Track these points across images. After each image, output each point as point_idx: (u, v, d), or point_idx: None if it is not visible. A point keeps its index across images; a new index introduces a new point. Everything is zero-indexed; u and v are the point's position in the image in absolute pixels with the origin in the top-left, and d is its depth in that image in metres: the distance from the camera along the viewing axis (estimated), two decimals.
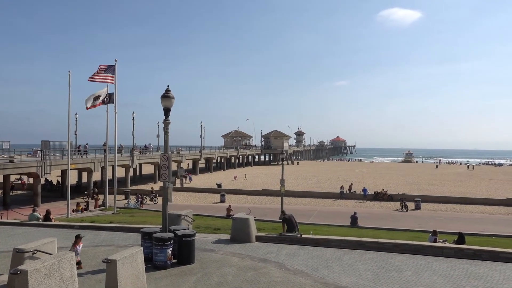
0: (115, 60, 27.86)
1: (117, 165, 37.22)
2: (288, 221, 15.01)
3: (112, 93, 28.07)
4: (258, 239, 14.40)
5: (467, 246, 13.92)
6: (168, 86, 12.40)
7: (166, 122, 12.27)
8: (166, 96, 12.08)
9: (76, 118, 42.67)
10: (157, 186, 47.39)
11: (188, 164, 68.14)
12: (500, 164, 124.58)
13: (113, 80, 27.58)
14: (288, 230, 14.81)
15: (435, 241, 15.95)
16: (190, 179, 60.77)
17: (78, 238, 10.99)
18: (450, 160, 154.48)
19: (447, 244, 14.63)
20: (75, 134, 44.07)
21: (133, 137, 49.79)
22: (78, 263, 10.32)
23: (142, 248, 9.35)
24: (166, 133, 12.37)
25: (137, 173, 62.18)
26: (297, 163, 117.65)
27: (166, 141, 12.49)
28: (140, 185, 52.12)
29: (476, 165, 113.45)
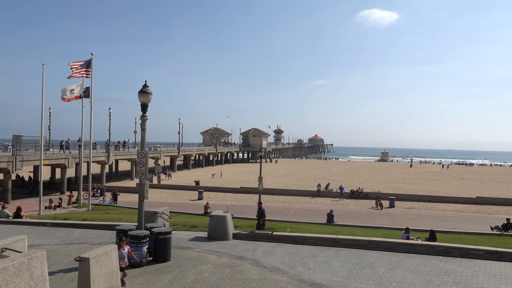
0: (92, 54, 27.20)
1: (92, 161, 36.39)
2: (263, 214, 15.24)
3: (88, 87, 27.40)
4: (235, 236, 14.42)
5: (438, 243, 14.34)
6: (146, 81, 12.21)
7: (143, 118, 12.09)
8: (144, 91, 11.90)
9: (50, 112, 41.46)
10: (133, 183, 46.68)
11: (164, 161, 67.32)
12: (471, 164, 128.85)
13: (89, 74, 26.92)
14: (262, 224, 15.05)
15: (408, 238, 16.35)
16: (170, 175, 60.30)
17: (121, 240, 9.78)
18: (423, 159, 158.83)
19: (419, 241, 15.02)
20: (49, 129, 42.85)
21: (109, 133, 48.92)
22: (122, 270, 8.98)
23: (116, 246, 9.19)
24: (143, 129, 12.19)
25: (113, 170, 61.05)
26: (276, 161, 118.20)
27: (143, 137, 12.30)
28: (116, 182, 51.20)
29: (449, 164, 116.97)
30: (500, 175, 79.20)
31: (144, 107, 11.98)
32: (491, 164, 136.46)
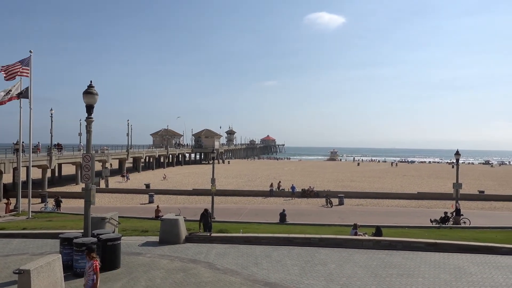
0: (30, 52, 25.55)
1: (33, 166, 34.16)
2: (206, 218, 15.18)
3: (27, 87, 25.69)
4: (188, 239, 14.20)
5: (383, 237, 15.08)
6: (91, 81, 11.69)
7: (88, 120, 11.55)
8: (89, 92, 11.38)
9: None
10: (78, 187, 44.43)
11: (111, 164, 64.73)
12: (412, 162, 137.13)
13: (28, 73, 25.25)
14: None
15: (356, 234, 17.04)
16: (128, 178, 58.38)
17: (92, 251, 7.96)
18: (370, 158, 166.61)
19: (366, 237, 15.71)
20: None
21: (51, 135, 46.18)
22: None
23: (60, 255, 8.70)
24: (88, 131, 11.65)
25: (56, 174, 57.72)
26: (228, 162, 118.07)
27: (88, 140, 11.76)
28: (60, 187, 48.46)
29: (394, 162, 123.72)
30: (438, 171, 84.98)
31: (89, 108, 11.46)
32: (430, 162, 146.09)
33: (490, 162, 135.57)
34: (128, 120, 74.44)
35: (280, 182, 47.57)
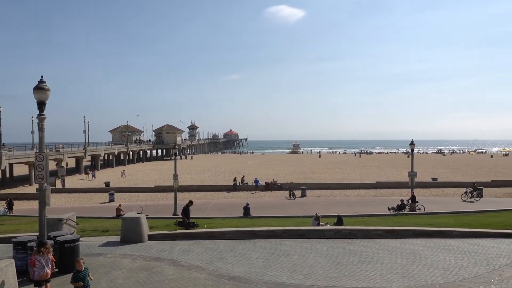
0: None
1: None
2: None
3: None
4: (151, 237, 13.94)
5: (344, 227, 15.58)
6: (42, 77, 11.09)
7: (40, 117, 10.97)
8: (40, 88, 10.79)
9: None
10: (32, 188, 42.28)
11: (67, 163, 62.17)
12: (370, 153, 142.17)
13: None
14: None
15: (318, 225, 17.47)
16: (94, 176, 56.41)
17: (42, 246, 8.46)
18: (331, 150, 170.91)
19: (328, 227, 16.14)
20: None
21: (0, 134, 43.51)
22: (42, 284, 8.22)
23: (13, 260, 8.26)
24: (41, 129, 11.06)
25: (7, 175, 54.60)
26: (191, 157, 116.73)
27: (41, 138, 11.17)
28: (12, 189, 45.91)
29: (357, 153, 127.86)
30: (395, 161, 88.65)
31: (41, 105, 10.87)
32: (387, 152, 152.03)
33: (442, 151, 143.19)
34: (84, 117, 71.28)
35: (244, 176, 47.71)
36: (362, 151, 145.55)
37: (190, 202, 16.81)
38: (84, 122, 70.87)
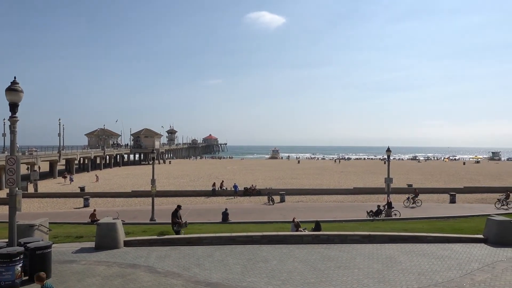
0: None
1: None
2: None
3: None
4: (127, 243, 13.64)
5: (322, 232, 15.70)
6: (15, 77, 10.77)
7: (13, 120, 10.63)
8: (13, 89, 10.47)
9: None
10: (3, 193, 40.80)
11: (39, 167, 60.38)
12: (349, 159, 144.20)
13: None
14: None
15: (297, 230, 17.54)
16: (72, 179, 54.99)
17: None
18: (310, 155, 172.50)
19: (306, 232, 16.23)
20: None
21: None
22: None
23: None
24: (13, 132, 10.72)
25: None
26: (170, 162, 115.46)
27: (13, 141, 10.82)
28: None
29: (337, 159, 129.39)
30: (372, 167, 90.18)
31: (13, 107, 10.55)
32: (365, 158, 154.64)
33: (417, 158, 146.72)
34: (59, 119, 69.44)
35: (223, 181, 47.48)
36: (341, 157, 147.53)
37: (179, 207, 16.57)
38: (59, 124, 69.11)
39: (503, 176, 65.29)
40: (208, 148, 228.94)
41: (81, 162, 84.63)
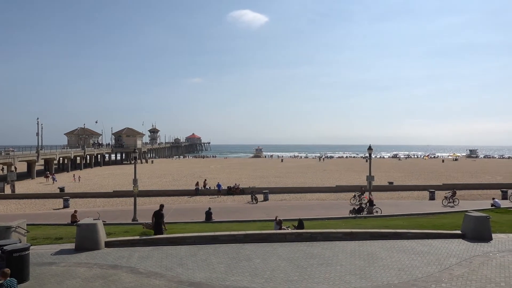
0: None
1: None
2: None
3: None
4: (108, 244, 13.43)
5: (305, 230, 15.79)
6: None
7: None
8: None
9: None
10: None
11: (15, 168, 58.87)
12: (331, 157, 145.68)
13: None
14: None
15: (280, 228, 17.61)
16: (54, 179, 53.80)
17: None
18: (293, 154, 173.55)
19: (289, 230, 16.31)
20: None
21: None
22: None
23: None
24: None
25: None
26: (152, 161, 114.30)
27: None
28: None
29: (321, 157, 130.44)
30: (354, 165, 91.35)
31: None
32: (347, 156, 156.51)
33: (398, 156, 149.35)
34: (38, 119, 67.86)
35: (206, 180, 47.26)
36: (324, 156, 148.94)
37: (162, 206, 16.32)
38: (37, 124, 67.52)
39: (479, 174, 67.21)
40: (191, 147, 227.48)
41: (61, 162, 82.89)
